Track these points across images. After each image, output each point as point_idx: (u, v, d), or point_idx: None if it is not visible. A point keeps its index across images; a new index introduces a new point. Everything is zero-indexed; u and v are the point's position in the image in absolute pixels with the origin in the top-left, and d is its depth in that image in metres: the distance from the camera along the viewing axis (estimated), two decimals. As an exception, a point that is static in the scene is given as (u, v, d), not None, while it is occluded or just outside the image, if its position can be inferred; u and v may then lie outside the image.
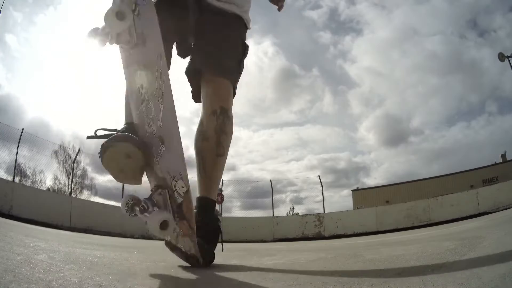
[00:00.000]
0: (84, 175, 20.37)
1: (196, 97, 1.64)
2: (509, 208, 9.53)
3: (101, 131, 1.38)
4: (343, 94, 53.38)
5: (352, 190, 30.25)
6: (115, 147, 1.27)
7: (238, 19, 1.61)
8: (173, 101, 1.21)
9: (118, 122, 1.55)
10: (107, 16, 1.23)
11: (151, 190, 1.30)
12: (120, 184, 13.00)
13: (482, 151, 43.24)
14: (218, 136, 1.48)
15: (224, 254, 1.66)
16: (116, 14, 1.22)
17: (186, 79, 1.67)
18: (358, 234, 12.15)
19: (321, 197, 14.47)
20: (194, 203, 1.39)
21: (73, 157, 16.15)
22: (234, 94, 1.61)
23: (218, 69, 1.53)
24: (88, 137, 1.38)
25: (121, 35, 1.28)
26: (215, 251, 1.44)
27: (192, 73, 1.62)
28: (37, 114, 45.17)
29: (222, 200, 15.94)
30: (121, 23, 1.24)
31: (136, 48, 1.30)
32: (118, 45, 1.35)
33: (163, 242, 1.48)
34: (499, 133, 42.51)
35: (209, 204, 1.48)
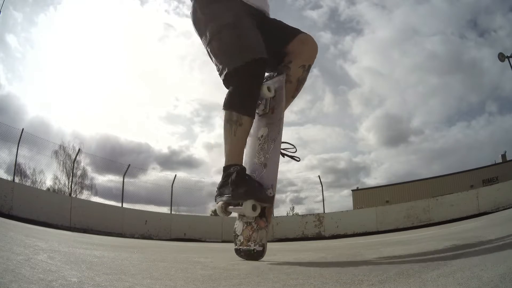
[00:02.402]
0: (84, 175, 20.37)
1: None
2: (509, 208, 9.53)
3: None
4: (344, 94, 53.38)
5: (352, 190, 30.25)
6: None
7: None
8: (280, 143, 1.87)
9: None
10: (263, 87, 1.90)
11: None
12: (120, 185, 13.02)
13: (482, 151, 43.26)
14: (298, 83, 2.01)
15: (224, 254, 1.66)
16: (267, 88, 1.93)
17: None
18: (358, 234, 12.15)
19: (321, 197, 14.48)
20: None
21: (73, 157, 16.16)
22: None
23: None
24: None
25: (259, 106, 1.97)
26: None
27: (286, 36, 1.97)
28: (37, 114, 45.15)
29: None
30: (269, 93, 1.94)
31: (265, 115, 1.99)
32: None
33: (162, 242, 1.48)
34: (499, 133, 42.52)
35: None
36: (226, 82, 1.84)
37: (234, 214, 1.89)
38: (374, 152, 49.20)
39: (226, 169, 1.79)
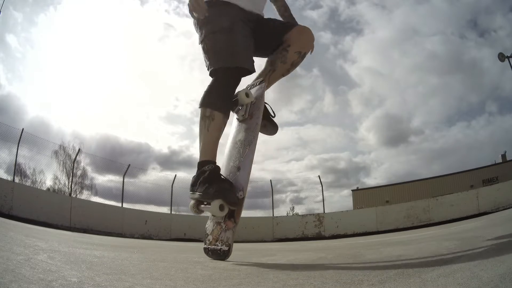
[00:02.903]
0: (84, 175, 20.34)
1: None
2: (509, 208, 9.53)
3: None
4: (344, 94, 53.27)
5: (352, 190, 30.25)
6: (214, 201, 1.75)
7: None
8: (255, 146, 1.92)
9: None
10: (240, 93, 2.01)
11: None
12: (120, 185, 13.02)
13: (482, 151, 43.21)
14: (291, 66, 2.13)
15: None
16: (246, 94, 2.02)
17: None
18: (358, 234, 12.15)
19: (321, 197, 14.46)
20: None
21: (73, 157, 16.14)
22: None
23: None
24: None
25: (239, 112, 2.07)
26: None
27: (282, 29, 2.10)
28: (37, 114, 45.13)
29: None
30: (247, 99, 2.03)
31: (245, 120, 2.07)
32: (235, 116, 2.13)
33: (162, 242, 1.48)
34: (499, 133, 42.50)
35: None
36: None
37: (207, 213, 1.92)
38: (374, 152, 49.20)
39: (200, 165, 1.85)
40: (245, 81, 2.11)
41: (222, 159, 2.06)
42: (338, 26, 53.63)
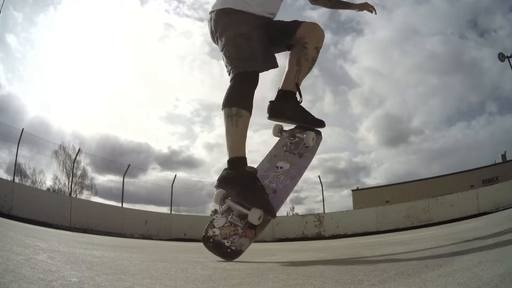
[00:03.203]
0: (84, 175, 20.32)
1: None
2: (509, 208, 9.52)
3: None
4: (344, 94, 53.26)
5: (352, 190, 30.23)
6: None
7: None
8: (297, 183, 2.07)
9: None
10: (307, 137, 2.18)
11: None
12: (120, 185, 13.02)
13: (482, 151, 43.18)
14: (312, 63, 2.21)
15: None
16: (312, 139, 2.19)
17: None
18: (358, 234, 12.14)
19: (321, 197, 14.45)
20: None
21: (73, 157, 16.16)
22: None
23: None
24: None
25: (293, 141, 2.24)
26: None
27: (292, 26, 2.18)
28: (37, 114, 45.10)
29: (222, 200, 15.85)
30: (311, 142, 2.18)
31: (292, 153, 2.21)
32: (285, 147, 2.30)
33: (162, 242, 1.48)
34: (499, 133, 42.47)
35: (295, 97, 2.26)
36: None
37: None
38: (374, 152, 49.16)
39: (231, 161, 1.89)
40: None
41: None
42: (338, 26, 53.61)
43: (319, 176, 15.01)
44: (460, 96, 50.58)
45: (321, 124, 2.29)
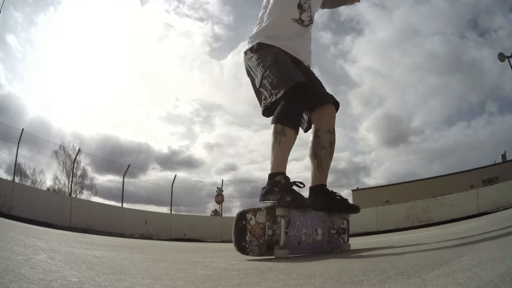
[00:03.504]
0: (84, 175, 20.34)
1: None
2: (509, 208, 9.52)
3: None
4: (344, 94, 53.19)
5: (352, 190, 30.23)
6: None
7: None
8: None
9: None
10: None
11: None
12: (120, 185, 13.03)
13: (482, 151, 43.26)
14: (331, 146, 2.29)
15: (224, 254, 1.66)
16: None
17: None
18: (358, 234, 12.14)
19: (321, 197, 14.41)
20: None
21: (73, 157, 16.18)
22: None
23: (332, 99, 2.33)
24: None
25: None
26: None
27: (316, 100, 2.29)
28: (37, 114, 45.14)
29: (222, 200, 15.91)
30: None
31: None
32: None
33: (162, 242, 1.48)
34: (499, 133, 42.53)
35: (325, 188, 2.37)
36: (267, 112, 2.20)
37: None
38: (374, 152, 49.21)
39: (271, 176, 2.01)
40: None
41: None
42: (338, 26, 53.73)
43: (319, 176, 14.98)
44: (460, 96, 50.66)
45: (356, 210, 2.39)
